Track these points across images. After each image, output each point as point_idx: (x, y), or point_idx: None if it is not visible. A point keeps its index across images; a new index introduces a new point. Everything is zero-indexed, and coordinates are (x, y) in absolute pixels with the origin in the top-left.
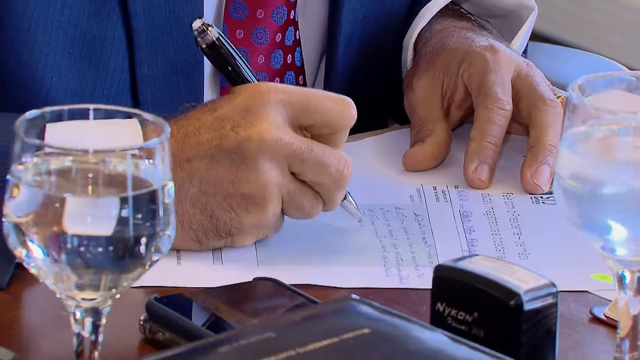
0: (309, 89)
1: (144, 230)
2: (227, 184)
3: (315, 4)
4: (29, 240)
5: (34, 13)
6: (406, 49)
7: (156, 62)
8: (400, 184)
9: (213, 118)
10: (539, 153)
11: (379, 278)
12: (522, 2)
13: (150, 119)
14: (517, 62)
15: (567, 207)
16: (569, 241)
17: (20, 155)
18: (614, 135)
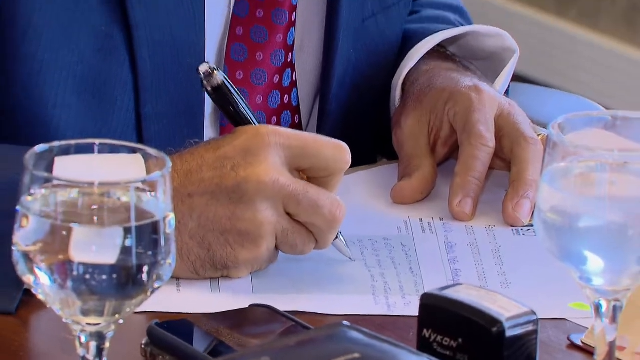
0: (308, 134)
1: (146, 259)
2: (225, 220)
3: (311, 48)
4: (36, 267)
5: (45, 55)
6: (395, 89)
7: (160, 102)
8: (388, 216)
9: (215, 157)
10: (520, 188)
11: (368, 305)
12: (505, 45)
13: (153, 154)
14: (500, 101)
15: (546, 239)
16: (548, 271)
17: (30, 186)
18: (592, 171)
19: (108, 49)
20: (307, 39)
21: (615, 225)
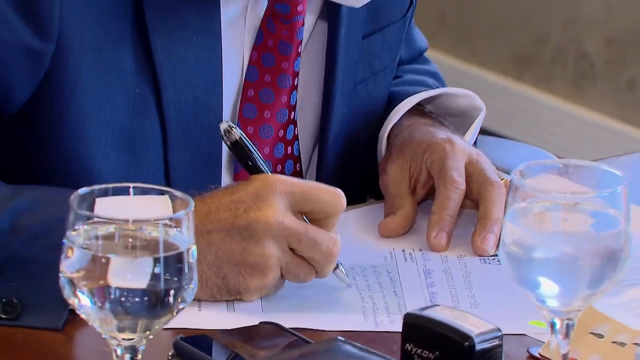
0: (309, 182)
1: (172, 284)
2: (238, 254)
3: (311, 107)
4: (79, 291)
5: (89, 113)
6: (381, 141)
7: (185, 153)
8: (376, 248)
9: (230, 200)
10: (486, 224)
11: (359, 323)
12: (473, 104)
13: (179, 196)
14: (469, 151)
15: (509, 268)
16: (511, 294)
17: (74, 223)
18: (548, 210)
19: (141, 108)
20: (307, 100)
21: (568, 256)
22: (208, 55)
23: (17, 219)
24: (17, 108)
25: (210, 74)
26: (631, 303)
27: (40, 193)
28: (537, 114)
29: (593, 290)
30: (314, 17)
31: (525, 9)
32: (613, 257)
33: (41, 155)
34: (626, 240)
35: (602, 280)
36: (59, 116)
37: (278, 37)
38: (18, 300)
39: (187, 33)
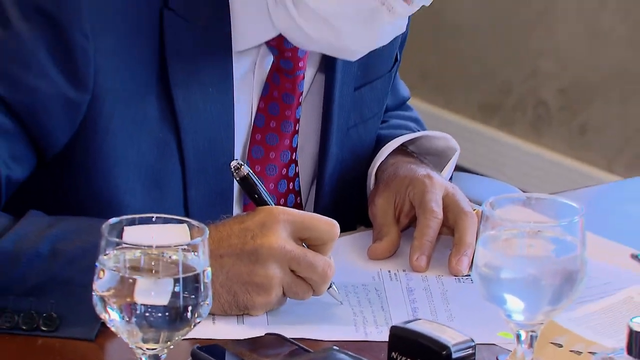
0: (308, 213)
1: (190, 301)
2: (245, 275)
3: (309, 149)
4: (109, 308)
5: (119, 155)
6: (370, 177)
7: (201, 188)
8: (365, 269)
9: (239, 228)
10: (461, 248)
11: (351, 333)
12: (449, 145)
13: (195, 225)
14: (446, 185)
15: (481, 286)
16: (482, 309)
17: (105, 249)
18: (514, 237)
19: (163, 150)
20: (307, 143)
21: (531, 277)
22: (222, 104)
23: (56, 245)
24: (57, 150)
25: (224, 120)
26: (586, 317)
27: (76, 222)
28: (503, 153)
29: (553, 306)
30: (314, 71)
31: (491, 65)
32: (571, 278)
33: (76, 190)
34: (582, 263)
35: (561, 298)
36: (93, 157)
37: (282, 89)
38: (57, 315)
39: (205, 86)
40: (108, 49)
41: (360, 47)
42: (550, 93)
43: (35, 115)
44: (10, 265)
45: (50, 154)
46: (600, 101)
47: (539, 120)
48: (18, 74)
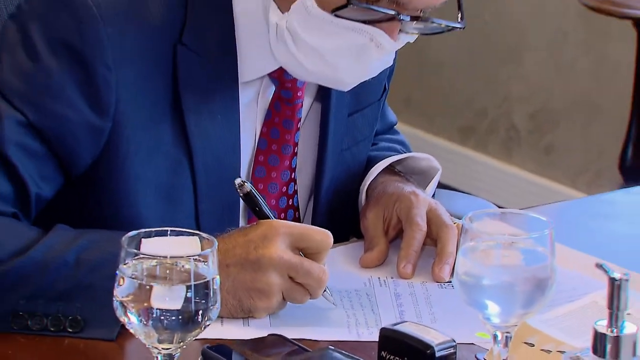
0: (305, 225)
1: (200, 306)
2: (249, 282)
3: (307, 169)
4: (129, 312)
5: (137, 173)
6: (361, 194)
7: (211, 203)
8: (357, 276)
9: (244, 240)
10: (443, 257)
11: (344, 334)
12: (432, 165)
13: (206, 237)
14: (429, 201)
15: (461, 292)
16: (462, 312)
17: (125, 259)
18: (491, 248)
19: (176, 169)
20: (304, 164)
21: (506, 284)
22: (229, 129)
23: (81, 255)
24: (82, 171)
25: (230, 143)
26: (556, 319)
27: (99, 235)
28: (479, 171)
29: (526, 310)
30: (311, 100)
31: (468, 93)
32: (542, 284)
33: (98, 206)
34: (552, 271)
35: (533, 302)
36: (114, 176)
37: (282, 116)
38: (81, 318)
39: (214, 112)
40: (128, 80)
41: (352, 79)
42: (520, 118)
43: (62, 140)
44: (40, 273)
45: (76, 174)
46: (564, 125)
47: (510, 142)
48: (48, 104)
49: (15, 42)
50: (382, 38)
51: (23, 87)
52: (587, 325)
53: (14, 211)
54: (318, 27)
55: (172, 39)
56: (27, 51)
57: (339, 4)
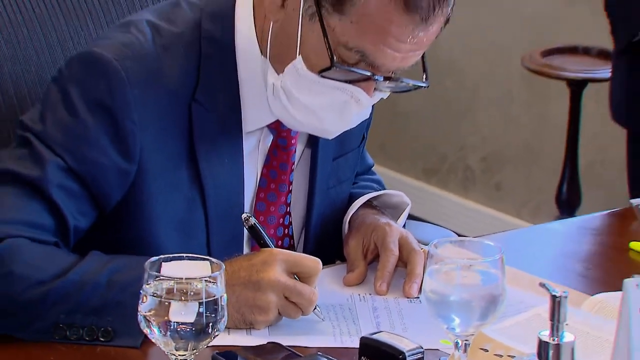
0: (299, 254)
1: (211, 319)
2: (251, 300)
3: (300, 205)
4: (151, 324)
5: (157, 209)
6: (345, 224)
7: (220, 233)
8: (341, 293)
9: (247, 264)
10: (412, 277)
11: (331, 341)
12: (403, 200)
13: (215, 262)
14: (401, 230)
15: (428, 306)
16: (428, 323)
17: (148, 280)
18: (452, 270)
19: (191, 205)
20: (297, 200)
21: (465, 300)
22: (235, 171)
23: (111, 277)
24: (112, 206)
25: (236, 183)
26: (506, 329)
27: (126, 260)
28: (441, 205)
29: (482, 321)
30: (302, 146)
31: (431, 140)
32: (494, 301)
33: (125, 235)
34: (503, 289)
35: (487, 315)
36: (138, 211)
37: (279, 160)
38: (112, 329)
39: (222, 158)
40: (150, 132)
41: (336, 129)
42: (474, 161)
43: (96, 181)
44: (77, 292)
45: (107, 209)
46: (510, 167)
47: (466, 180)
48: (84, 151)
49: (57, 101)
50: (360, 95)
51: (63, 138)
52: (532, 334)
53: (55, 240)
54: (307, 86)
55: (187, 97)
56: (67, 109)
57: (324, 66)
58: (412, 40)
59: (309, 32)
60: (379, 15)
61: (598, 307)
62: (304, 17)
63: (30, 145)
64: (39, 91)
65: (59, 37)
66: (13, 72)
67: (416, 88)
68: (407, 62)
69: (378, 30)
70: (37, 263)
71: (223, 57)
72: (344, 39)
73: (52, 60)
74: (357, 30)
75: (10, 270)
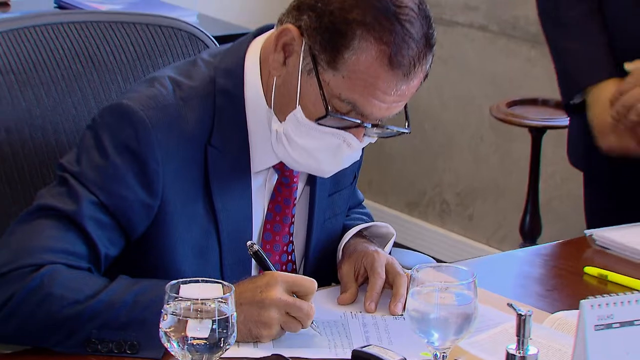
0: (297, 275)
1: (222, 335)
2: (256, 317)
3: (301, 235)
4: (170, 339)
5: (177, 238)
6: (338, 252)
7: (232, 260)
8: (336, 311)
9: (253, 286)
10: (397, 297)
11: (326, 353)
12: (389, 231)
13: (226, 284)
14: (387, 257)
15: (410, 323)
16: (411, 337)
17: (168, 300)
18: (432, 292)
19: (206, 234)
20: (299, 230)
21: (443, 318)
22: (245, 206)
23: (137, 297)
24: (138, 236)
25: (246, 216)
26: (478, 342)
27: (149, 283)
28: (422, 234)
29: (457, 336)
30: (303, 184)
31: (413, 177)
32: (468, 318)
33: (149, 261)
34: (475, 308)
35: (462, 331)
36: (160, 240)
37: (283, 196)
38: (137, 342)
39: (234, 194)
40: (171, 171)
41: (331, 169)
42: (450, 196)
43: (124, 214)
44: (107, 310)
45: (134, 238)
46: (481, 201)
47: (443, 213)
48: (114, 189)
49: (91, 145)
50: (351, 140)
51: (96, 177)
52: (501, 348)
53: (88, 266)
54: (306, 132)
55: (203, 142)
56: (99, 152)
57: (320, 115)
58: (396, 93)
59: (307, 85)
60: (367, 71)
61: (558, 324)
62: (303, 73)
63: (67, 184)
64: (75, 137)
65: (93, 91)
66: (53, 121)
67: (400, 134)
68: (391, 112)
69: (366, 84)
70: (73, 286)
71: (234, 107)
72: (337, 91)
73: (87, 111)
74: (348, 85)
75: (49, 292)
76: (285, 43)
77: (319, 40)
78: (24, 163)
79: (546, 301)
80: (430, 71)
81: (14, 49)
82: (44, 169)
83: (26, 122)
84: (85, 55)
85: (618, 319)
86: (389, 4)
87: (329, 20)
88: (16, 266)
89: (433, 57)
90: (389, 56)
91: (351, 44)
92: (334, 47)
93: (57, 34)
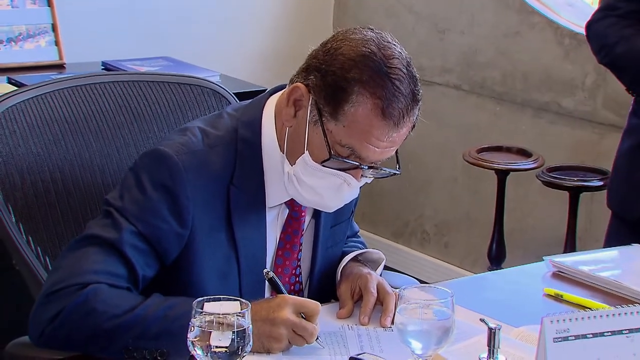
0: (304, 299)
1: (240, 344)
2: (267, 332)
3: (307, 261)
4: (196, 348)
5: (203, 263)
6: (337, 274)
7: (249, 284)
8: (335, 324)
9: (266, 306)
10: (386, 312)
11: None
12: (380, 256)
13: (244, 302)
14: (379, 278)
15: (398, 334)
16: (399, 346)
17: (194, 315)
18: (416, 308)
19: (227, 260)
20: (305, 257)
21: (426, 331)
22: (261, 236)
23: (167, 312)
24: (170, 261)
25: (261, 245)
26: (455, 351)
27: (179, 299)
28: (407, 259)
29: (437, 346)
30: (309, 217)
31: (397, 211)
32: (447, 331)
33: (179, 282)
34: (453, 323)
35: (442, 342)
36: (189, 264)
37: (293, 227)
38: (167, 351)
39: (251, 226)
40: (199, 205)
41: (334, 205)
42: (429, 227)
43: (159, 241)
44: (142, 323)
45: (167, 263)
46: (455, 231)
47: (424, 240)
48: (151, 220)
49: (132, 184)
50: (351, 180)
51: (136, 210)
52: (475, 356)
53: (127, 286)
54: (312, 173)
55: (226, 180)
56: (139, 189)
57: (324, 158)
58: (388, 139)
59: (314, 134)
60: (364, 121)
61: (522, 336)
62: (310, 123)
63: (111, 217)
64: (118, 177)
65: (134, 139)
66: (100, 164)
67: (392, 174)
68: (384, 156)
69: (363, 132)
70: (113, 302)
71: (253, 153)
72: (338, 138)
73: (128, 155)
74: (348, 132)
75: (93, 308)
76: (295, 99)
77: (323, 95)
78: (75, 198)
79: (512, 317)
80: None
81: (68, 103)
82: (91, 203)
83: (77, 164)
84: (127, 109)
85: (573, 333)
86: (382, 65)
87: (332, 79)
88: (66, 285)
89: (419, 110)
90: (382, 108)
91: (350, 98)
92: (336, 101)
93: (104, 90)
